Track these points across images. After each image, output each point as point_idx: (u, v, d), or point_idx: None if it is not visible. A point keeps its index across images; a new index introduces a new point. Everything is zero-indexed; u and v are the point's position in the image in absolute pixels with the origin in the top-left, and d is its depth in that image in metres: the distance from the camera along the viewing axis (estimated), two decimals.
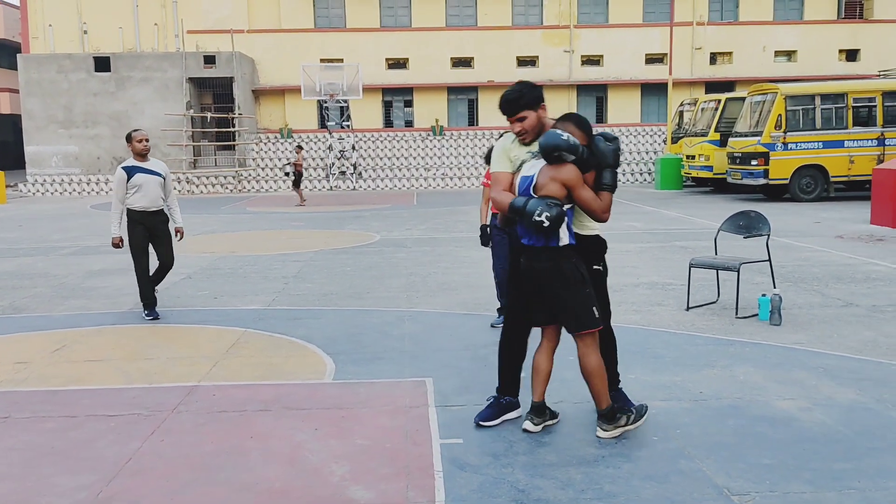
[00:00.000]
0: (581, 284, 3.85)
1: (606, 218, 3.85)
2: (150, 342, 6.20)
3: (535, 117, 3.98)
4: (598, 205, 3.82)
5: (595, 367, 3.92)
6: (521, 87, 4.02)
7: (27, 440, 4.07)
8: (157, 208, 6.96)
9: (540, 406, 4.07)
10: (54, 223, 16.63)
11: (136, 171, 6.84)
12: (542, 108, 4.01)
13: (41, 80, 27.10)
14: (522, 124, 3.98)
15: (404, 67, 30.51)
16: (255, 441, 4.03)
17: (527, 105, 3.97)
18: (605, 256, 4.16)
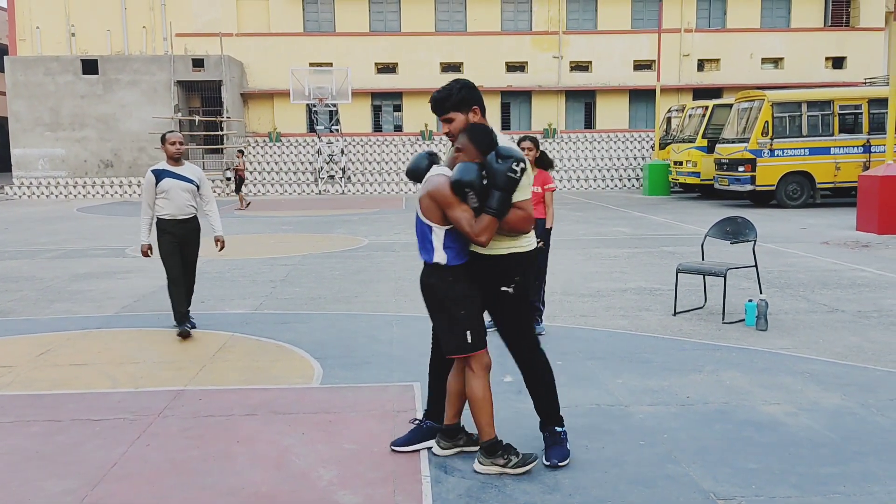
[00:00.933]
0: (453, 306, 3.55)
1: (483, 241, 3.41)
2: (136, 346, 6.16)
3: (464, 121, 3.62)
4: (470, 228, 3.39)
5: (475, 394, 3.58)
6: (452, 87, 3.65)
7: (12, 444, 4.03)
8: (187, 216, 6.42)
9: (451, 429, 3.79)
10: (40, 226, 16.51)
11: (165, 176, 6.36)
12: (474, 112, 3.65)
13: (28, 83, 26.94)
14: (450, 126, 3.64)
15: (393, 72, 30.52)
16: (241, 445, 4.01)
17: (454, 106, 3.61)
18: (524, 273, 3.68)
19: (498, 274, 3.60)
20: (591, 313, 7.11)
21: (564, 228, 13.73)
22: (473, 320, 3.59)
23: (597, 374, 5.14)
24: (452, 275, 3.57)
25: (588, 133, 30.35)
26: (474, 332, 3.57)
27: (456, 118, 3.62)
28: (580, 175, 27.85)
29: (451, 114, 3.61)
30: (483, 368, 3.61)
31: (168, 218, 6.36)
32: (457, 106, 3.61)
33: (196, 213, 6.53)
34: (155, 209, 6.39)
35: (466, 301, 3.57)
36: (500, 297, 3.63)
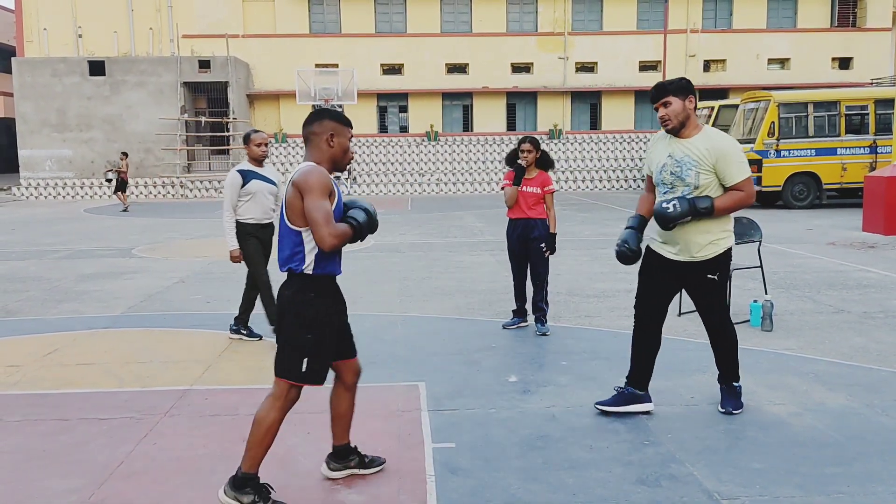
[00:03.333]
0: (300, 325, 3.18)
1: (330, 244, 3.03)
2: (142, 346, 6.19)
3: (681, 106, 4.03)
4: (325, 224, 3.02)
5: (263, 420, 3.23)
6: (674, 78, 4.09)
7: (18, 443, 4.06)
8: (269, 220, 6.13)
9: (340, 450, 3.57)
10: (47, 227, 16.58)
11: (253, 177, 6.00)
12: (690, 100, 4.04)
13: (35, 84, 27.05)
14: (666, 110, 4.03)
15: (399, 73, 30.55)
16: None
17: (675, 91, 4.03)
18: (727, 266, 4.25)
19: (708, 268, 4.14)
20: (596, 314, 7.11)
21: (569, 229, 13.72)
22: (318, 349, 3.18)
23: (602, 375, 5.14)
24: (315, 289, 3.18)
25: (593, 134, 30.33)
26: (312, 363, 3.18)
27: (674, 103, 4.00)
28: (585, 176, 27.83)
29: (669, 97, 3.99)
30: (288, 402, 3.24)
31: (252, 222, 6.02)
32: (677, 91, 4.00)
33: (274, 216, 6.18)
34: (237, 213, 6.02)
35: (322, 325, 3.17)
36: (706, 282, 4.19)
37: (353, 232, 3.13)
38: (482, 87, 30.29)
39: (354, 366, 3.51)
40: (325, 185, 3.06)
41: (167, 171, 27.12)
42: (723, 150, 3.97)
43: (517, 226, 6.35)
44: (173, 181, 26.79)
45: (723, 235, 4.10)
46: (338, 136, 3.23)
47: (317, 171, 3.09)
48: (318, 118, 3.25)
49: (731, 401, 4.36)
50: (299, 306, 3.17)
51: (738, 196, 4.00)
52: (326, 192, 3.07)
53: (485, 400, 4.67)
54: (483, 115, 30.66)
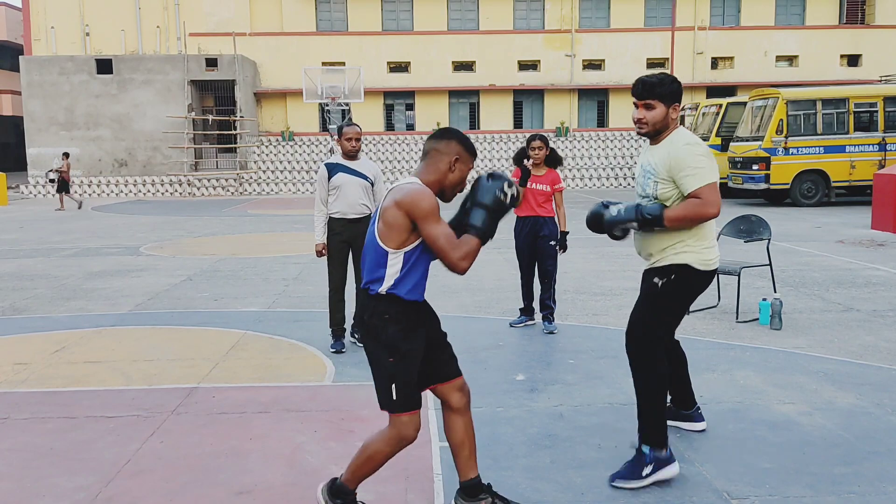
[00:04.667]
0: (382, 350, 2.94)
1: (463, 268, 2.81)
2: (150, 344, 6.20)
3: (664, 113, 3.49)
4: (452, 250, 2.79)
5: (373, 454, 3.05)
6: (665, 77, 3.51)
7: (26, 441, 4.07)
8: (358, 216, 5.84)
9: (469, 485, 3.18)
10: (55, 225, 16.63)
11: (339, 170, 5.81)
12: (675, 109, 3.51)
13: (43, 82, 27.15)
14: (646, 113, 3.50)
15: (406, 71, 30.54)
16: (254, 443, 4.03)
17: (662, 95, 3.47)
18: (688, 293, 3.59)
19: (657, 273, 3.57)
20: (604, 312, 7.08)
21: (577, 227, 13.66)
22: (403, 372, 2.94)
23: (609, 373, 5.13)
24: (390, 311, 2.93)
25: (601, 131, 30.26)
26: (401, 388, 2.95)
27: (657, 107, 3.48)
28: (593, 174, 27.77)
29: (654, 101, 3.47)
30: (398, 439, 2.99)
31: (338, 217, 5.85)
32: (664, 96, 3.47)
33: (369, 213, 5.91)
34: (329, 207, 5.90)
35: (399, 348, 2.92)
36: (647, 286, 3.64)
37: (481, 239, 2.85)
38: (489, 84, 30.25)
39: (458, 385, 3.13)
40: (436, 207, 2.82)
41: (174, 169, 27.18)
42: (676, 157, 3.41)
43: (526, 224, 6.33)
44: (180, 179, 26.85)
45: (684, 248, 3.49)
46: (461, 163, 2.94)
47: (427, 194, 2.81)
48: (447, 137, 2.97)
49: (624, 470, 3.48)
50: (377, 330, 2.93)
51: (692, 204, 3.36)
52: (439, 212, 2.82)
53: (492, 398, 4.66)
54: (490, 112, 30.62)
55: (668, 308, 3.61)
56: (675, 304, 3.61)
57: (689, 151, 3.41)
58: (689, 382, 4.03)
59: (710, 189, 3.36)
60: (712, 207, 3.35)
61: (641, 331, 3.58)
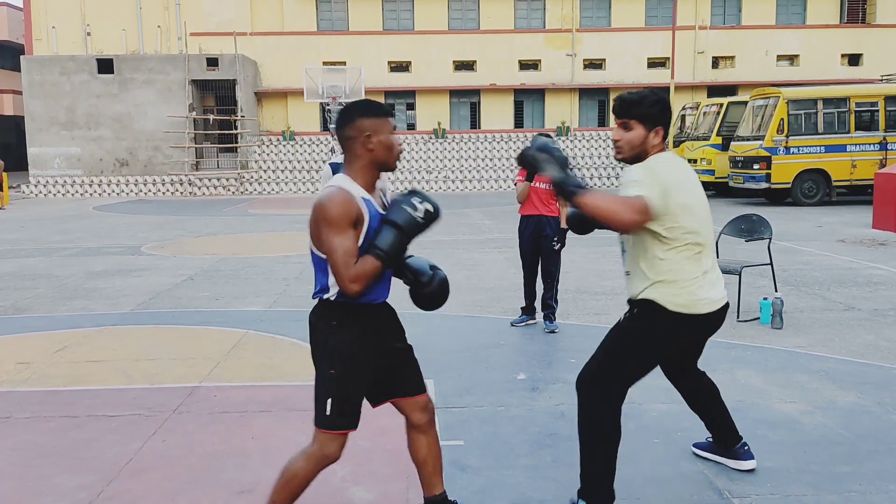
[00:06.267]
0: (323, 359, 2.70)
1: (353, 290, 2.52)
2: (151, 343, 6.20)
3: (642, 136, 3.02)
4: (345, 268, 2.51)
5: (293, 474, 2.76)
6: (648, 95, 3.03)
7: (28, 440, 4.07)
8: None
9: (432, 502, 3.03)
10: (56, 224, 16.64)
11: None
12: (657, 133, 3.03)
13: (44, 82, 27.14)
14: (622, 134, 3.06)
15: (406, 70, 30.53)
16: (256, 442, 4.03)
17: (642, 116, 3.01)
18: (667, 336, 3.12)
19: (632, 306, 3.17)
20: (605, 311, 7.09)
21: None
22: (343, 388, 2.68)
23: None
24: (338, 317, 2.69)
25: (602, 131, 30.23)
26: (337, 405, 2.68)
27: (635, 129, 3.01)
28: (594, 173, 27.76)
29: (632, 121, 3.01)
30: (320, 458, 2.74)
31: None
32: (644, 117, 3.00)
33: None
34: None
35: (344, 360, 2.67)
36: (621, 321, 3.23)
37: (382, 262, 2.55)
38: (490, 84, 30.24)
39: (421, 404, 2.92)
40: (344, 216, 2.53)
41: (175, 168, 27.18)
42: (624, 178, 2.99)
43: (529, 223, 6.33)
44: (181, 179, 26.85)
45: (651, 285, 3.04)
46: (376, 135, 2.66)
47: (337, 199, 2.55)
48: (347, 118, 2.69)
49: None
50: (323, 336, 2.69)
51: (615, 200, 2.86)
52: (347, 222, 2.54)
53: (493, 397, 4.66)
54: (491, 112, 30.62)
55: (627, 350, 3.12)
56: (635, 348, 3.10)
57: (637, 170, 2.94)
58: (727, 417, 3.57)
59: (643, 201, 2.82)
60: (629, 213, 2.79)
61: (594, 367, 3.18)
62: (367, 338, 2.71)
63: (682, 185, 3.00)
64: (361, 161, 2.69)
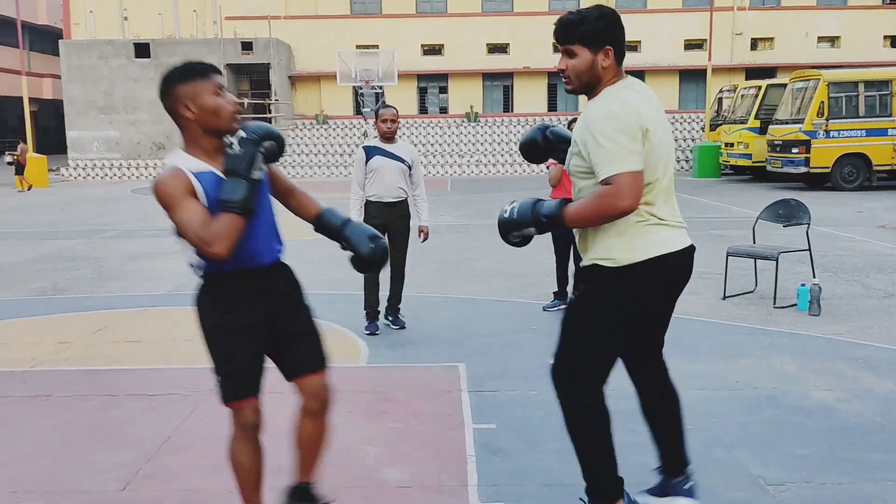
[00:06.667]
0: (204, 336, 2.65)
1: (217, 252, 2.33)
2: (187, 324, 6.26)
3: (589, 61, 2.63)
4: (196, 232, 2.34)
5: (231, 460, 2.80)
6: (588, 13, 2.62)
7: (69, 418, 4.17)
8: (395, 199, 5.84)
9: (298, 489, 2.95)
10: (95, 207, 16.94)
11: (376, 153, 5.80)
12: (606, 54, 2.61)
13: (82, 66, 27.56)
14: (567, 62, 2.67)
15: (439, 54, 30.45)
16: (289, 423, 4.08)
17: (582, 38, 2.61)
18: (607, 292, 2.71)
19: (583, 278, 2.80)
20: None
21: None
22: (224, 360, 2.62)
23: None
24: (209, 292, 2.59)
25: None
26: (224, 378, 2.64)
27: (580, 54, 2.61)
28: None
29: (575, 46, 2.62)
30: (241, 431, 2.72)
31: (375, 200, 5.83)
32: (586, 38, 2.60)
33: (406, 197, 5.93)
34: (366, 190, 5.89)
35: (216, 332, 2.59)
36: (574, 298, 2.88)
37: (239, 213, 2.36)
38: (523, 67, 30.03)
39: (312, 386, 2.77)
40: (177, 193, 2.37)
41: None
42: (589, 128, 2.57)
43: None
44: None
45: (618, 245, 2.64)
46: (194, 100, 2.44)
47: (162, 182, 2.39)
48: (164, 89, 2.48)
49: None
50: (198, 314, 2.63)
51: (600, 195, 2.52)
52: (182, 192, 2.38)
53: (524, 382, 4.67)
54: (524, 95, 30.43)
55: (584, 330, 2.76)
56: (592, 325, 2.75)
57: (604, 114, 2.55)
58: (680, 438, 3.00)
59: (629, 178, 2.48)
60: (625, 199, 2.47)
61: (560, 358, 2.84)
62: (239, 307, 2.58)
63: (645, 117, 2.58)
64: (189, 132, 2.48)
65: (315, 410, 2.78)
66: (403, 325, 6.04)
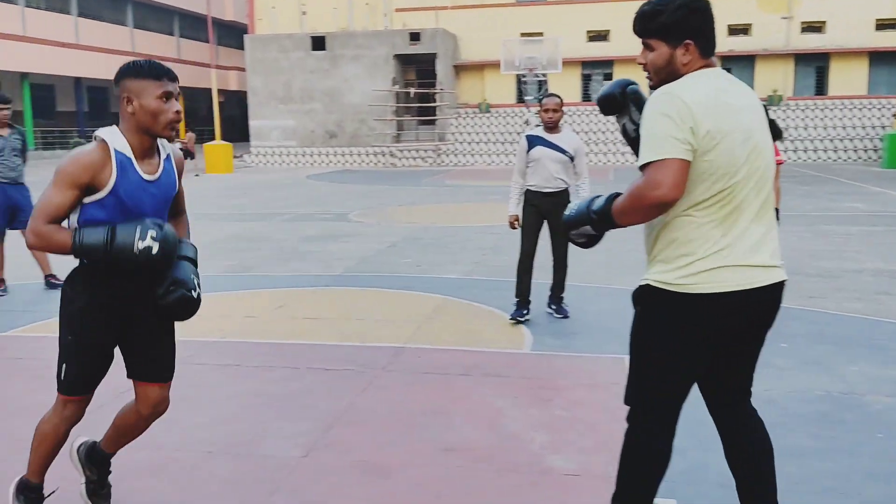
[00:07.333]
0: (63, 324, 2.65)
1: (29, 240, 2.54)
2: (360, 304, 6.60)
3: (667, 56, 2.36)
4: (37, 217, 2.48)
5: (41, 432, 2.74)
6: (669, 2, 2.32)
7: (255, 387, 4.49)
8: (554, 189, 5.77)
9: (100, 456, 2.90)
10: (274, 192, 18.06)
11: (538, 143, 5.78)
12: (686, 48, 2.33)
13: (264, 59, 29.37)
14: (645, 56, 2.44)
15: (605, 39, 29.80)
16: (457, 404, 4.19)
17: (659, 31, 2.36)
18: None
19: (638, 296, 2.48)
20: (820, 294, 6.60)
21: (789, 203, 12.78)
22: (76, 354, 2.62)
23: (828, 360, 4.78)
24: (79, 276, 2.63)
25: (819, 100, 27.88)
26: (71, 369, 2.64)
27: (657, 48, 2.37)
28: (808, 146, 25.72)
29: (653, 40, 2.38)
30: (63, 419, 2.70)
31: (534, 189, 5.83)
32: (663, 32, 2.34)
33: (566, 186, 5.84)
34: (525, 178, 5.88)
35: (74, 326, 2.62)
36: None
37: (71, 248, 2.45)
38: None
39: (148, 395, 2.74)
40: (69, 174, 2.46)
41: (378, 140, 28.47)
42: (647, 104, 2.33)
43: None
44: (384, 150, 28.09)
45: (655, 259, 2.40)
46: (138, 98, 2.50)
47: (72, 156, 2.50)
48: (117, 78, 2.56)
49: None
50: (62, 298, 2.66)
51: (633, 186, 2.26)
52: (70, 181, 2.45)
53: None
54: None
55: (642, 360, 2.47)
56: (649, 354, 2.44)
57: (651, 107, 2.28)
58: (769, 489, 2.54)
59: (658, 168, 2.19)
60: (656, 188, 2.18)
61: (628, 386, 2.57)
62: (101, 305, 2.60)
63: (711, 113, 2.23)
64: (126, 123, 2.55)
65: (145, 416, 2.78)
66: (567, 314, 6.00)
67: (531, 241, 5.92)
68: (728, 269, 2.27)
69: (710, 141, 2.21)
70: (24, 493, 2.80)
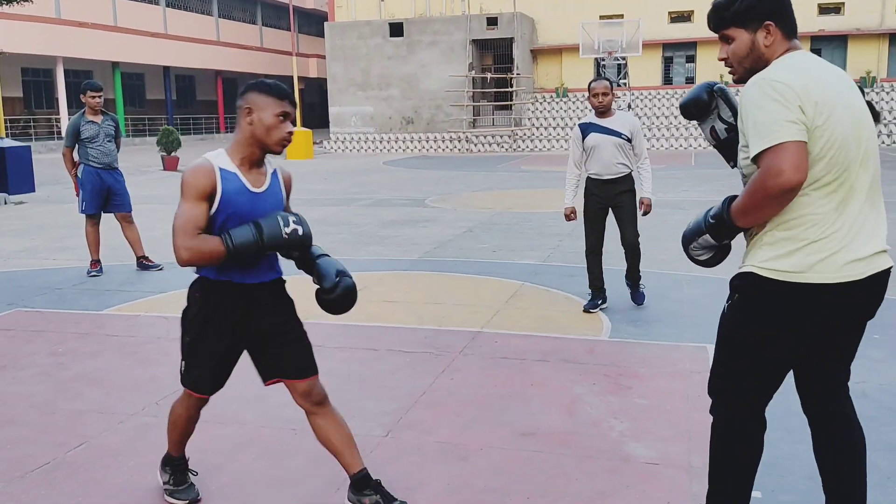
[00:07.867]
0: (185, 327, 2.85)
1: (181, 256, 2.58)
2: (437, 289, 6.67)
3: (748, 43, 2.28)
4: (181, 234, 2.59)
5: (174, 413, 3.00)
6: None
7: (338, 368, 4.61)
8: (615, 176, 5.59)
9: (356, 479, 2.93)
10: (353, 177, 18.34)
11: (592, 130, 5.59)
12: (766, 30, 2.24)
13: (343, 46, 29.78)
14: (727, 50, 2.34)
15: (688, 20, 29.02)
16: (534, 389, 4.20)
17: (735, 18, 2.28)
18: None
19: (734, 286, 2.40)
20: None
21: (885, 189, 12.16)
22: (196, 355, 2.83)
23: None
24: (201, 289, 2.80)
25: None
26: (191, 368, 2.85)
27: (737, 37, 2.29)
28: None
29: (730, 30, 2.29)
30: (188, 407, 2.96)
31: (594, 177, 5.66)
32: (739, 18, 2.25)
33: (628, 171, 5.66)
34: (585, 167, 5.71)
35: (194, 330, 2.81)
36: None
37: (225, 252, 2.58)
38: None
39: (301, 389, 2.88)
40: (194, 187, 2.61)
41: (454, 126, 28.54)
42: (741, 103, 2.22)
43: None
44: (459, 136, 28.14)
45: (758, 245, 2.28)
46: (258, 112, 2.65)
47: (192, 170, 2.65)
48: (242, 91, 2.73)
49: None
50: (188, 302, 2.85)
51: (753, 180, 2.17)
52: (197, 193, 2.61)
53: None
54: None
55: (733, 348, 2.36)
56: (740, 343, 2.33)
57: (755, 91, 2.15)
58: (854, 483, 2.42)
59: (774, 154, 2.06)
60: (778, 174, 2.05)
61: (713, 375, 2.46)
62: (221, 314, 2.76)
63: (813, 87, 2.12)
64: (242, 134, 2.70)
65: (312, 407, 2.90)
66: (643, 298, 5.91)
67: (596, 233, 5.75)
68: (842, 256, 2.17)
69: (820, 114, 2.11)
70: (170, 465, 3.09)
